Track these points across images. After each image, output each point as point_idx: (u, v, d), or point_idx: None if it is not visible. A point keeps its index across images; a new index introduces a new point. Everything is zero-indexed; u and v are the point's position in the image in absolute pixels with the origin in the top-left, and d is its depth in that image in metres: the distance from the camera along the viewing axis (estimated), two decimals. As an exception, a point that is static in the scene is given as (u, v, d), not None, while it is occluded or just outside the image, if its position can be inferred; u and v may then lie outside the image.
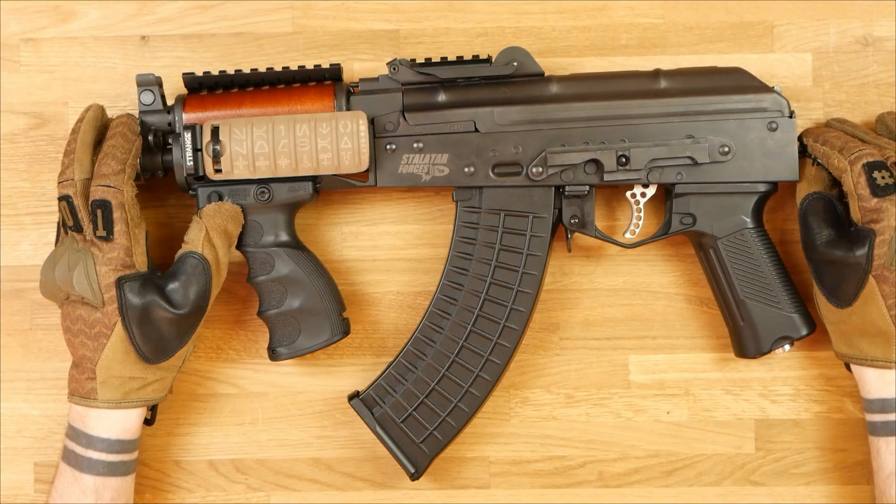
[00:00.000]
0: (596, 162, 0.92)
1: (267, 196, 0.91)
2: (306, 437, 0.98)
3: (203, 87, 0.93)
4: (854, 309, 0.88)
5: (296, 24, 0.98)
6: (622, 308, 0.98)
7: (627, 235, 0.94)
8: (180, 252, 0.90)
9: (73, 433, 0.90)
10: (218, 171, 0.89)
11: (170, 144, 0.91)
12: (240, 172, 0.90)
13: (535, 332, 0.97)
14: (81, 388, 0.89)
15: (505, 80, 0.93)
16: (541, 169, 0.92)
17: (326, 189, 0.93)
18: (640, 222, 0.94)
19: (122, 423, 0.90)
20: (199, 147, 0.90)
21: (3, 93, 0.98)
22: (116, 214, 0.87)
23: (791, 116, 0.92)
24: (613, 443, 0.98)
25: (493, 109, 0.92)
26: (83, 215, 0.87)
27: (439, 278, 0.93)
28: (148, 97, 0.92)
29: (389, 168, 0.92)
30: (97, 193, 0.87)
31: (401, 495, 0.98)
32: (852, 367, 0.91)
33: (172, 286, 0.89)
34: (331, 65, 0.92)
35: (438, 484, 0.98)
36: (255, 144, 0.89)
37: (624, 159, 0.91)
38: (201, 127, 0.90)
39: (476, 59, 0.92)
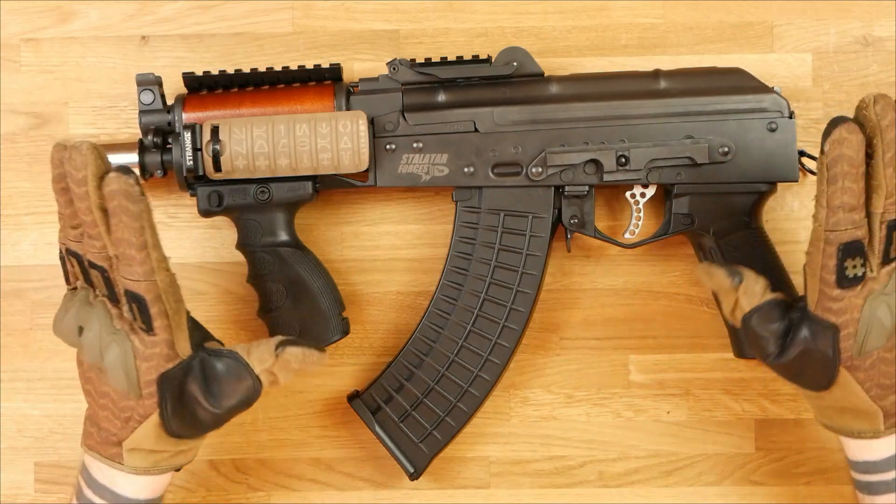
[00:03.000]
0: (595, 162, 0.92)
1: (266, 196, 0.91)
2: (306, 437, 0.98)
3: (203, 87, 0.93)
4: (832, 393, 0.83)
5: (296, 24, 0.98)
6: (622, 308, 0.98)
7: (627, 235, 0.94)
8: (241, 355, 0.81)
9: (96, 486, 0.83)
10: (218, 170, 0.89)
11: (169, 144, 0.91)
12: (239, 172, 0.90)
13: (535, 332, 0.97)
14: (104, 450, 0.82)
15: (505, 80, 0.93)
16: (540, 169, 0.92)
17: (326, 189, 0.93)
18: (640, 222, 0.94)
19: (151, 485, 0.83)
20: (198, 147, 0.90)
21: (3, 93, 0.98)
22: (154, 310, 0.77)
23: (791, 117, 0.92)
24: (613, 443, 0.98)
25: (493, 109, 0.92)
26: (119, 291, 0.78)
27: (439, 278, 0.93)
28: (148, 97, 0.92)
29: (389, 168, 0.92)
30: (126, 285, 0.77)
31: (401, 495, 0.98)
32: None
33: (216, 388, 0.80)
34: (331, 65, 0.92)
35: (438, 484, 0.98)
36: (254, 144, 0.89)
37: (623, 159, 0.91)
38: (201, 126, 0.90)
39: (476, 59, 0.92)
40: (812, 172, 0.95)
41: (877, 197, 0.78)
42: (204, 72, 0.92)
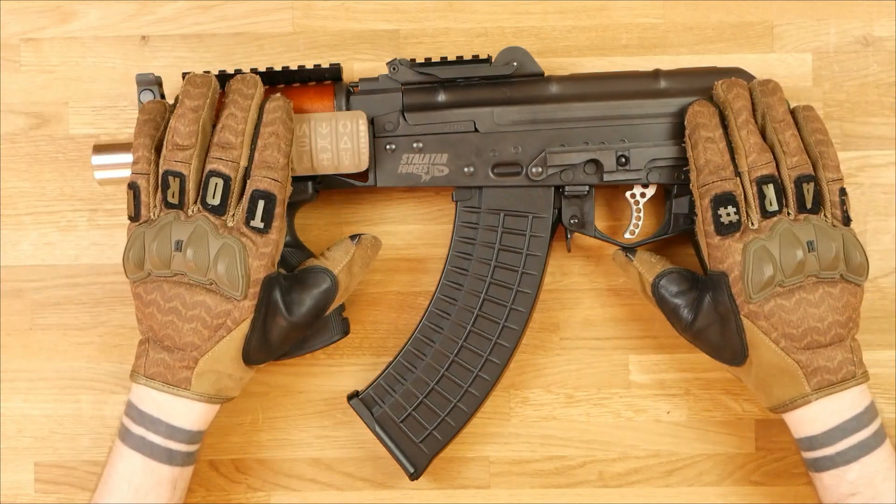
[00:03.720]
0: (595, 162, 0.92)
1: (267, 196, 0.91)
2: (306, 437, 0.98)
3: (203, 87, 0.93)
4: (752, 360, 0.88)
5: (296, 24, 0.98)
6: (622, 308, 0.98)
7: (627, 235, 0.94)
8: (316, 263, 0.89)
9: (149, 420, 0.86)
10: (218, 170, 0.90)
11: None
12: (239, 172, 0.90)
13: (535, 332, 0.97)
14: (171, 375, 0.86)
15: (505, 80, 0.93)
16: (540, 169, 0.92)
17: (326, 189, 0.93)
18: (640, 222, 0.94)
19: (206, 415, 0.88)
20: (199, 147, 0.90)
21: (3, 93, 0.98)
22: (278, 210, 0.85)
23: (791, 116, 0.92)
24: (613, 443, 0.98)
25: (493, 109, 0.92)
26: (233, 200, 0.85)
27: (439, 278, 0.93)
28: (148, 97, 0.92)
29: (389, 168, 0.92)
30: (262, 184, 0.85)
31: (401, 495, 0.98)
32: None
33: (297, 296, 0.87)
34: (331, 65, 0.92)
35: (438, 484, 0.98)
36: (254, 144, 0.89)
37: (623, 159, 0.91)
38: (201, 127, 0.90)
39: (476, 59, 0.92)
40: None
41: (739, 157, 0.87)
42: (204, 72, 0.92)
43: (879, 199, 0.97)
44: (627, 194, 0.94)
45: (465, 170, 0.92)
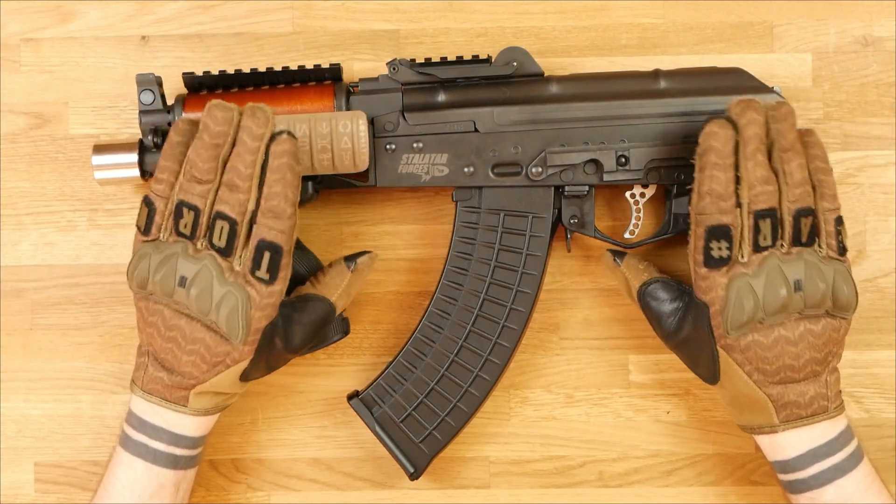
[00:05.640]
0: (595, 162, 0.92)
1: (267, 196, 0.91)
2: (306, 437, 0.98)
3: (203, 87, 0.93)
4: (723, 383, 0.88)
5: (296, 24, 0.98)
6: (622, 308, 0.98)
7: (627, 235, 0.94)
8: (312, 291, 0.89)
9: (150, 429, 0.87)
10: (218, 170, 0.90)
11: (170, 144, 0.91)
12: (239, 172, 0.90)
13: (535, 332, 0.97)
14: (169, 394, 0.86)
15: (505, 80, 0.93)
16: (540, 169, 0.92)
17: (326, 189, 0.93)
18: (640, 222, 0.94)
19: (207, 423, 0.89)
20: (199, 147, 0.90)
21: (3, 93, 0.98)
22: (284, 261, 0.83)
23: (791, 116, 0.92)
24: (613, 443, 0.98)
25: (493, 109, 0.92)
26: (239, 243, 0.83)
27: (439, 278, 0.93)
28: (148, 97, 0.92)
29: (389, 168, 0.92)
30: (269, 235, 0.82)
31: (401, 495, 0.98)
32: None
33: (296, 326, 0.87)
34: (331, 65, 0.92)
35: (438, 484, 0.98)
36: (254, 144, 0.89)
37: (623, 159, 0.91)
38: (201, 127, 0.90)
39: (476, 59, 0.92)
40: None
41: (741, 188, 0.84)
42: (204, 72, 0.92)
43: (879, 199, 0.97)
44: (627, 194, 0.94)
45: (465, 170, 0.92)
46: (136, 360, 0.88)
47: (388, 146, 0.92)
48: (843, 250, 0.87)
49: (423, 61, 0.92)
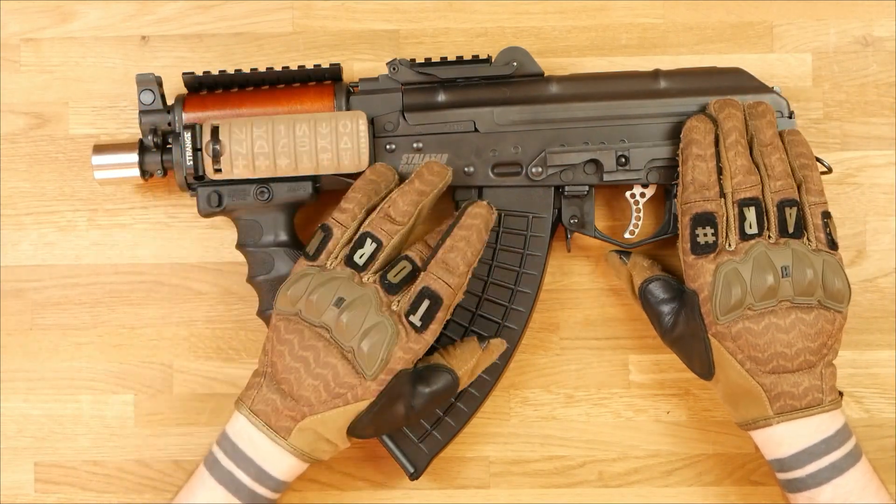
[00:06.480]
0: (595, 162, 0.92)
1: (267, 196, 0.91)
2: (306, 436, 0.98)
3: (203, 87, 0.93)
4: (719, 377, 0.88)
5: (296, 24, 0.98)
6: (622, 308, 0.98)
7: (627, 235, 0.94)
8: (442, 362, 0.88)
9: (240, 457, 0.86)
10: (218, 170, 0.89)
11: (169, 144, 0.91)
12: (239, 172, 0.90)
13: (535, 332, 0.97)
14: (275, 419, 0.85)
15: (505, 80, 0.93)
16: (540, 169, 0.92)
17: (326, 189, 0.93)
18: (640, 222, 0.94)
19: (296, 469, 0.88)
20: (198, 147, 0.90)
21: (3, 93, 0.98)
22: (440, 315, 0.84)
23: (791, 117, 0.92)
24: (613, 443, 0.98)
25: (493, 109, 0.92)
26: (409, 288, 0.85)
27: (439, 278, 0.93)
28: (148, 97, 0.92)
29: (389, 168, 0.92)
30: (435, 285, 0.84)
31: (401, 495, 0.98)
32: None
33: (422, 390, 0.86)
34: (331, 65, 0.92)
35: (438, 484, 0.98)
36: (254, 144, 0.89)
37: (623, 159, 0.91)
38: (201, 127, 0.90)
39: (476, 59, 0.92)
40: None
41: (725, 178, 0.87)
42: (204, 72, 0.92)
43: (879, 199, 0.97)
44: (627, 194, 0.94)
45: (465, 170, 0.92)
46: (249, 379, 0.88)
47: (388, 146, 0.92)
48: (833, 244, 0.88)
49: (423, 61, 0.92)
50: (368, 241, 0.85)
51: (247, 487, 0.86)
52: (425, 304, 0.84)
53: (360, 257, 0.85)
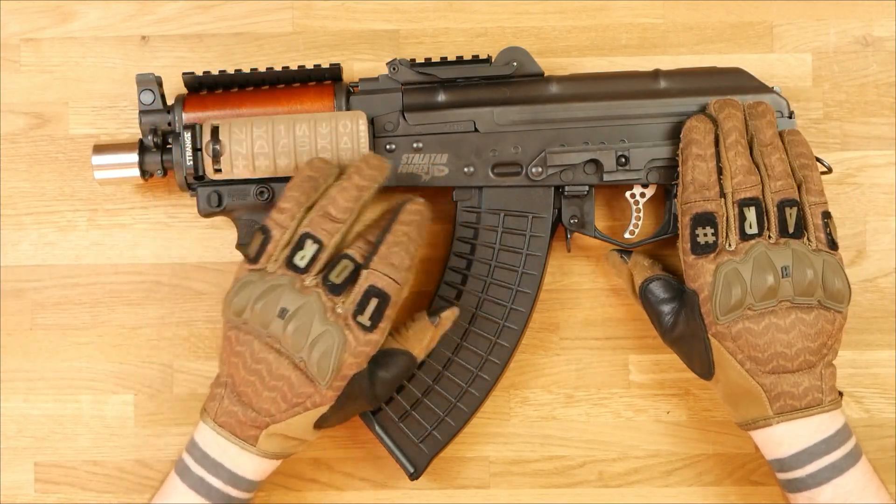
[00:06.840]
0: (595, 162, 0.92)
1: (267, 196, 0.91)
2: (306, 436, 0.98)
3: (203, 87, 0.93)
4: (719, 377, 0.88)
5: (296, 24, 0.98)
6: (622, 308, 0.98)
7: (627, 235, 0.94)
8: (396, 346, 0.87)
9: (210, 464, 0.86)
10: (218, 170, 0.89)
11: (169, 144, 0.91)
12: (239, 172, 0.90)
13: (535, 332, 0.97)
14: (239, 430, 0.85)
15: (505, 80, 0.93)
16: (540, 169, 0.92)
17: (326, 189, 0.93)
18: (640, 222, 0.94)
19: (269, 467, 0.88)
20: (198, 147, 0.90)
21: (3, 93, 0.98)
22: (389, 312, 0.84)
23: (791, 117, 0.92)
24: (613, 443, 0.98)
25: (493, 109, 0.92)
26: (352, 286, 0.83)
27: (439, 278, 0.93)
28: (148, 97, 0.92)
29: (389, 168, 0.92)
30: (381, 282, 0.83)
31: (401, 495, 0.98)
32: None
33: (382, 376, 0.86)
34: (331, 65, 0.92)
35: (438, 484, 0.98)
36: (254, 144, 0.89)
37: (623, 159, 0.91)
38: (201, 127, 0.90)
39: (476, 59, 0.92)
40: None
41: (725, 178, 0.87)
42: (204, 72, 0.92)
43: (879, 199, 0.97)
44: (627, 194, 0.94)
45: (465, 170, 0.92)
46: (210, 390, 0.87)
47: (388, 146, 0.92)
48: (833, 244, 0.88)
49: (423, 61, 0.92)
50: (309, 241, 0.84)
51: (219, 490, 0.86)
52: (373, 302, 0.83)
53: (301, 259, 0.84)
